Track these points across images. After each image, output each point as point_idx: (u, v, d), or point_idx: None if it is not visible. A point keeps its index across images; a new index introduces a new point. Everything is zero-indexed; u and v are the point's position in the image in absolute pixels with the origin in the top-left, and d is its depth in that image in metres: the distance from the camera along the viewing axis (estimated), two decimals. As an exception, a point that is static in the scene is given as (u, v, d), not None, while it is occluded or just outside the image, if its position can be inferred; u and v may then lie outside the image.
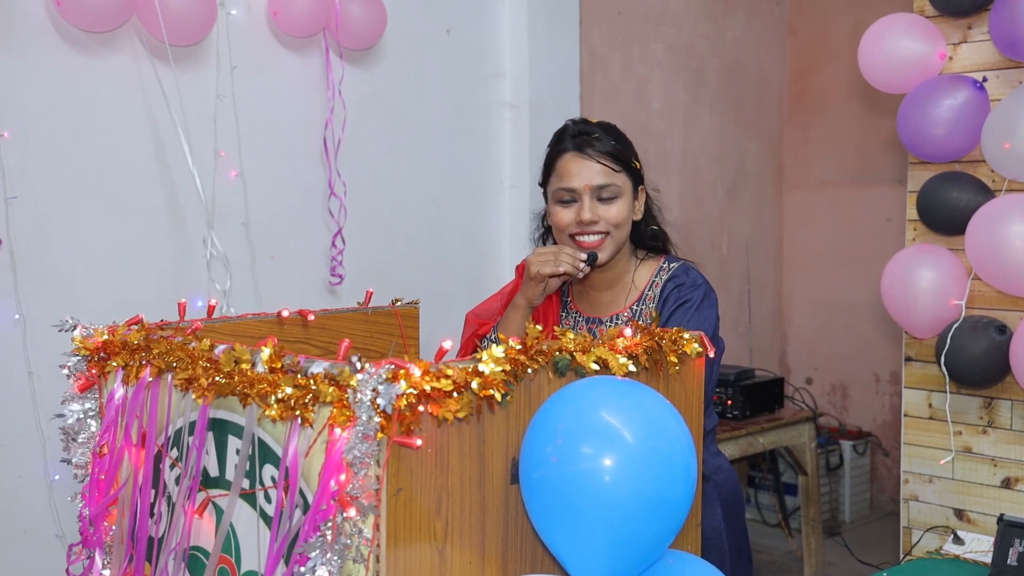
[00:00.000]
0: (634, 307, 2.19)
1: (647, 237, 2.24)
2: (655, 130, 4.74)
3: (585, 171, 2.12)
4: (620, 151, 2.14)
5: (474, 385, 1.36)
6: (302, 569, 1.33)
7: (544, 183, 2.21)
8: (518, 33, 3.80)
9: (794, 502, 4.73)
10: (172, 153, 2.91)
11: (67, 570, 1.81)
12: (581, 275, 2.13)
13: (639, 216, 2.22)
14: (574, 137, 2.15)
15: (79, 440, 1.77)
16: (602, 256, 2.14)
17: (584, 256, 2.11)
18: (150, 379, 1.65)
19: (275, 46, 3.14)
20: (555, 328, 1.59)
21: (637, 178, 2.19)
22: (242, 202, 3.08)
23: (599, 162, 2.12)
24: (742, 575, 2.28)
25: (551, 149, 2.20)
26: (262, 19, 3.10)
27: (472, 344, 2.30)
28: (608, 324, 2.20)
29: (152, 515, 1.68)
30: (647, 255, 2.25)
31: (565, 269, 2.11)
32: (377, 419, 1.28)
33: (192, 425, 1.58)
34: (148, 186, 2.89)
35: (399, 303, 2.24)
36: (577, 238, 2.14)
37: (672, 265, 2.22)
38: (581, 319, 2.25)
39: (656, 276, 2.20)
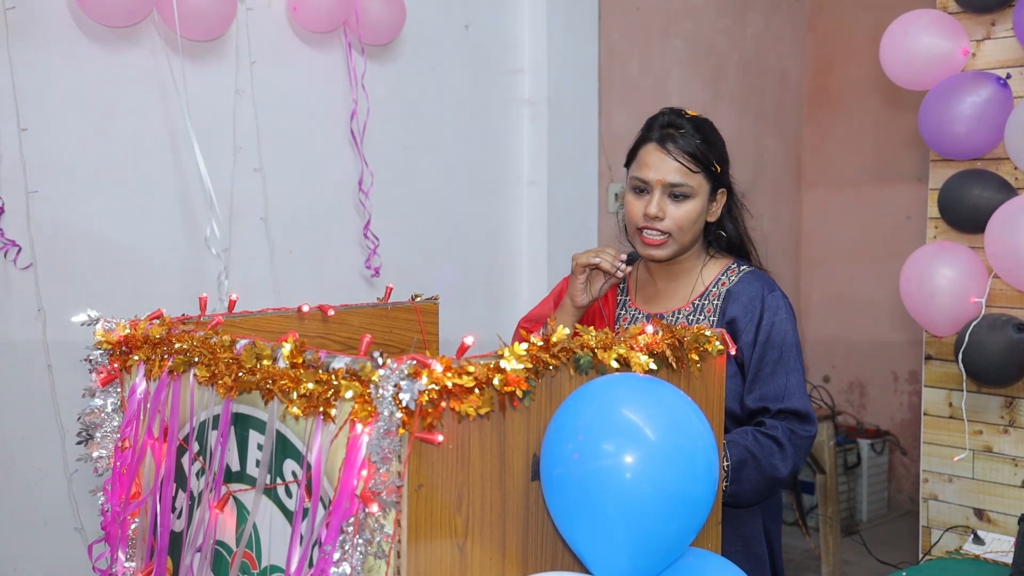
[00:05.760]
0: (696, 302, 2.16)
1: (715, 239, 2.21)
2: (673, 126, 4.71)
3: (662, 166, 2.10)
4: (703, 152, 2.11)
5: (496, 382, 1.35)
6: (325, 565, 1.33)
7: (627, 166, 2.20)
8: (536, 29, 3.79)
9: (811, 500, 4.71)
10: (191, 148, 2.92)
11: (93, 567, 1.82)
12: (620, 274, 2.13)
13: (713, 218, 2.18)
14: (661, 128, 2.13)
15: (101, 434, 1.78)
16: (660, 254, 2.12)
17: (624, 256, 2.13)
18: (171, 373, 1.66)
19: (294, 41, 3.14)
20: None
21: (717, 181, 2.16)
22: (261, 197, 3.08)
23: (677, 160, 2.10)
24: None
25: (640, 134, 2.18)
26: (281, 14, 3.10)
27: None
28: (669, 320, 2.16)
29: (174, 509, 1.68)
30: (718, 252, 2.22)
31: (599, 261, 2.11)
32: (399, 415, 1.28)
33: (215, 419, 1.58)
34: (168, 180, 2.90)
35: (419, 299, 2.23)
36: (642, 234, 2.12)
37: (743, 268, 2.18)
38: (640, 315, 2.21)
39: (723, 275, 2.17)
